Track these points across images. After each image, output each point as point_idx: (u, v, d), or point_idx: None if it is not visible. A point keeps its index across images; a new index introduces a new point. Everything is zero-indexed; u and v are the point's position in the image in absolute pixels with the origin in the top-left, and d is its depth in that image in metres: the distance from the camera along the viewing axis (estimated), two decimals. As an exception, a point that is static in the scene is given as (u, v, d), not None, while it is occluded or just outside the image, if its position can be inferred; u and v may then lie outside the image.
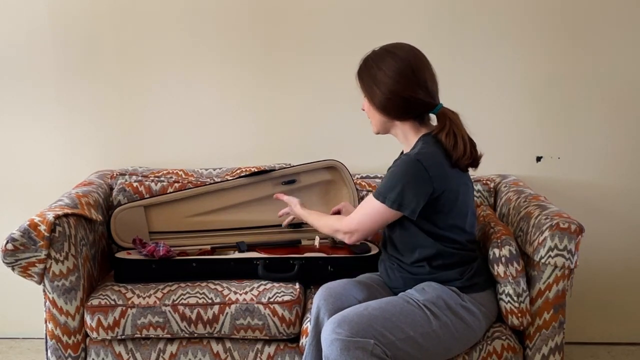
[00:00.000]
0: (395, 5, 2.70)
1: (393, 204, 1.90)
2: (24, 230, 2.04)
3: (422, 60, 1.98)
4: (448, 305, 1.92)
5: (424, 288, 1.97)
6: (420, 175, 1.88)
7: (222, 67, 2.78)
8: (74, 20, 2.74)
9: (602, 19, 2.69)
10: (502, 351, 2.03)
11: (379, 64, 1.97)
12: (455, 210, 1.96)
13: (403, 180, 1.90)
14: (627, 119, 2.75)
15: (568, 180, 2.79)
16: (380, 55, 1.99)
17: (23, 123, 2.81)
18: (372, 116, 2.03)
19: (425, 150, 1.92)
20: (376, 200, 1.94)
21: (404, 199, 1.89)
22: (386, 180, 1.94)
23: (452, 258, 1.98)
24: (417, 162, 1.89)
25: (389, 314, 1.87)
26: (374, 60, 1.99)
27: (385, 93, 1.95)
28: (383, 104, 1.97)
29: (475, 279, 1.99)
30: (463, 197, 1.97)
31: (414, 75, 1.94)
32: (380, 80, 1.95)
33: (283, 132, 2.81)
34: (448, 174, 1.93)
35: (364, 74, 2.01)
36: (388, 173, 1.98)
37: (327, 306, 1.97)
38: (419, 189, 1.89)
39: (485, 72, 2.74)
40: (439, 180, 1.90)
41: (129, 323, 2.13)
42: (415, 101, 1.94)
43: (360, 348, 1.79)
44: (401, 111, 1.97)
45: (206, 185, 2.52)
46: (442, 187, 1.91)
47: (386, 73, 1.95)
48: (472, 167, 2.01)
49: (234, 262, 2.29)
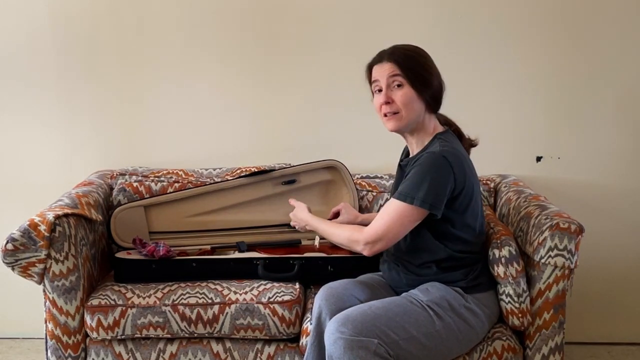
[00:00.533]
0: (395, 5, 2.70)
1: (424, 203, 1.85)
2: (24, 230, 2.04)
3: None
4: (452, 306, 1.92)
5: (428, 288, 1.96)
6: (447, 171, 1.87)
7: (222, 67, 2.78)
8: (74, 20, 2.75)
9: (603, 19, 2.69)
10: (502, 352, 2.03)
11: (425, 57, 1.99)
12: (470, 209, 1.95)
13: (431, 177, 1.86)
14: (627, 119, 2.75)
15: (568, 180, 2.79)
16: (414, 48, 2.00)
17: (23, 123, 2.81)
18: (412, 108, 1.95)
19: (449, 148, 1.91)
20: (402, 203, 1.88)
21: (434, 198, 1.85)
22: (410, 180, 1.88)
23: (460, 261, 1.98)
24: (444, 159, 1.87)
25: (392, 313, 1.87)
26: (416, 52, 1.99)
27: (439, 84, 1.98)
28: (436, 95, 1.99)
29: (479, 279, 1.99)
30: (477, 196, 1.97)
31: None
32: (434, 72, 1.98)
33: (283, 132, 2.81)
34: (467, 171, 1.92)
35: (412, 64, 1.96)
36: (411, 173, 1.90)
37: (329, 306, 1.97)
38: (445, 187, 1.87)
39: (485, 72, 2.74)
40: (460, 178, 1.89)
41: (129, 323, 2.13)
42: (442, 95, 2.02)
43: (363, 347, 1.79)
44: (438, 105, 2.02)
45: (206, 185, 2.52)
46: (462, 185, 1.90)
47: (434, 67, 1.99)
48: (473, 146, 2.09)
49: (234, 262, 2.29)
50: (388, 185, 2.61)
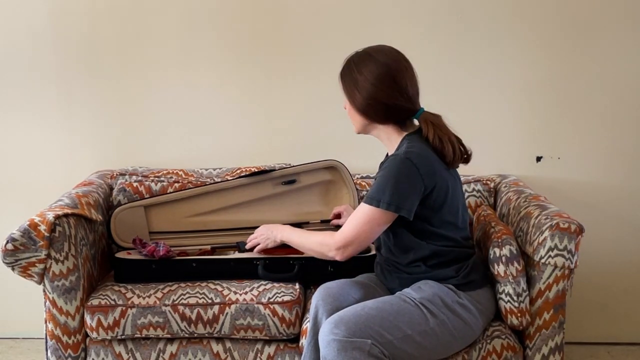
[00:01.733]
0: (395, 6, 2.70)
1: (389, 206, 1.87)
2: (24, 230, 2.04)
3: (403, 64, 1.97)
4: (445, 302, 1.92)
5: (421, 286, 1.96)
6: (412, 173, 1.87)
7: (222, 67, 2.78)
8: (74, 20, 2.75)
9: (602, 19, 2.69)
10: (501, 350, 2.03)
11: (360, 67, 1.96)
12: (446, 206, 1.95)
13: (395, 180, 1.87)
14: (627, 119, 2.75)
15: (568, 180, 2.79)
16: (362, 58, 1.99)
17: (23, 123, 2.81)
18: (353, 117, 2.03)
19: (412, 149, 1.91)
20: (369, 206, 1.90)
21: (400, 200, 1.87)
22: (377, 184, 1.91)
23: (447, 256, 1.98)
24: (407, 160, 1.88)
25: (386, 313, 1.87)
26: (356, 63, 1.99)
27: (365, 98, 1.95)
28: (364, 108, 1.97)
29: (472, 276, 1.99)
30: (452, 192, 1.97)
31: (395, 81, 1.94)
32: (360, 84, 1.95)
33: (283, 132, 2.81)
34: (437, 170, 1.92)
35: (345, 76, 2.01)
36: (378, 177, 1.94)
37: (326, 306, 1.97)
38: (412, 188, 1.88)
39: (485, 72, 2.74)
40: (429, 177, 1.90)
41: (129, 323, 2.13)
42: (396, 107, 1.95)
43: (357, 348, 1.79)
44: (382, 115, 1.97)
45: (206, 185, 2.52)
46: (432, 184, 1.91)
47: (367, 78, 1.94)
48: (464, 164, 2.02)
49: (234, 262, 2.29)
50: (388, 185, 2.60)
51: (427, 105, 2.04)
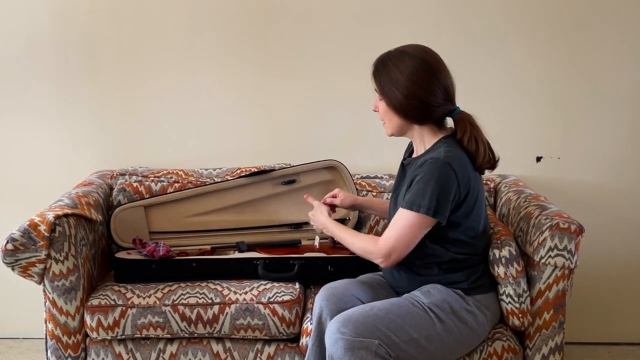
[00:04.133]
0: (396, 5, 2.70)
1: (429, 210, 1.84)
2: (24, 230, 2.04)
3: (439, 61, 1.93)
4: (453, 309, 1.91)
5: (429, 290, 1.95)
6: (451, 179, 1.85)
7: (222, 67, 2.78)
8: (74, 20, 2.74)
9: (603, 20, 2.69)
10: (502, 352, 2.02)
11: (397, 64, 1.91)
12: (473, 213, 1.94)
13: (435, 184, 1.84)
14: (627, 119, 2.75)
15: (568, 180, 2.79)
16: (397, 55, 1.93)
17: (23, 123, 2.81)
18: (389, 119, 1.96)
19: (452, 154, 1.88)
20: (410, 212, 1.86)
21: (438, 205, 1.84)
22: (416, 189, 1.87)
23: (463, 263, 1.97)
24: (448, 165, 1.85)
25: (394, 315, 1.86)
26: (391, 60, 1.92)
27: (405, 95, 1.89)
28: (402, 107, 1.91)
29: (481, 280, 1.99)
30: (480, 200, 1.96)
31: (433, 76, 1.89)
32: (398, 81, 1.89)
33: (283, 132, 2.81)
34: (471, 177, 1.91)
35: (381, 74, 1.94)
36: (417, 181, 1.87)
37: (330, 307, 1.96)
38: (449, 194, 1.86)
39: (485, 72, 2.74)
40: (465, 184, 1.88)
41: (129, 323, 2.13)
42: (435, 105, 1.90)
43: (364, 348, 1.79)
44: (421, 115, 1.92)
45: (206, 185, 2.52)
46: (466, 190, 1.89)
47: (404, 73, 1.89)
48: (491, 170, 2.00)
49: (234, 262, 2.29)
50: (388, 185, 2.60)
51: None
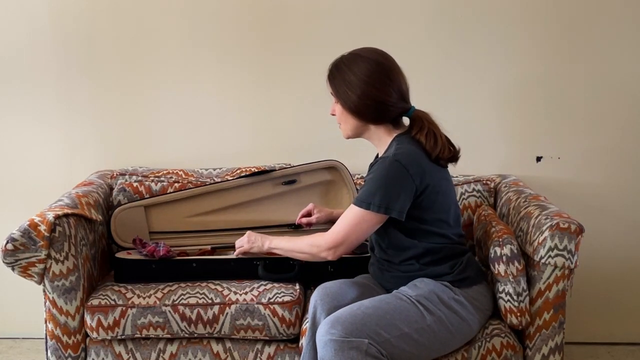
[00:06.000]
0: (394, 6, 2.70)
1: (380, 208, 1.88)
2: (24, 230, 2.04)
3: (392, 63, 1.98)
4: (441, 299, 1.92)
5: (417, 284, 1.97)
6: (402, 174, 1.88)
7: (222, 67, 2.78)
8: (74, 20, 2.74)
9: (602, 19, 2.69)
10: (501, 349, 2.03)
11: (351, 66, 1.96)
12: (437, 205, 1.96)
13: (385, 182, 1.88)
14: (627, 119, 2.75)
15: (568, 180, 2.79)
16: (351, 58, 1.98)
17: (23, 123, 2.81)
18: (345, 121, 2.01)
19: (401, 150, 1.91)
20: (359, 208, 1.91)
21: (390, 202, 1.88)
22: (367, 187, 1.92)
23: (440, 253, 1.98)
24: (396, 162, 1.88)
25: (382, 311, 1.87)
26: (345, 63, 1.98)
27: (359, 96, 1.94)
28: (357, 107, 1.96)
29: (466, 272, 1.99)
30: (444, 191, 1.98)
31: (386, 76, 1.94)
32: (352, 82, 1.95)
33: (283, 132, 2.81)
34: (427, 170, 1.93)
35: (335, 78, 2.00)
36: (367, 179, 1.95)
37: (324, 306, 1.97)
38: (402, 189, 1.89)
39: (485, 72, 2.74)
40: (419, 177, 1.90)
41: (129, 323, 2.13)
42: (389, 104, 1.95)
43: (354, 348, 1.79)
44: (375, 114, 1.97)
45: (206, 185, 2.52)
46: (423, 184, 1.91)
47: (357, 75, 1.94)
48: (453, 162, 2.02)
49: (234, 262, 2.29)
50: (388, 185, 2.60)
51: (426, 106, 2.04)
